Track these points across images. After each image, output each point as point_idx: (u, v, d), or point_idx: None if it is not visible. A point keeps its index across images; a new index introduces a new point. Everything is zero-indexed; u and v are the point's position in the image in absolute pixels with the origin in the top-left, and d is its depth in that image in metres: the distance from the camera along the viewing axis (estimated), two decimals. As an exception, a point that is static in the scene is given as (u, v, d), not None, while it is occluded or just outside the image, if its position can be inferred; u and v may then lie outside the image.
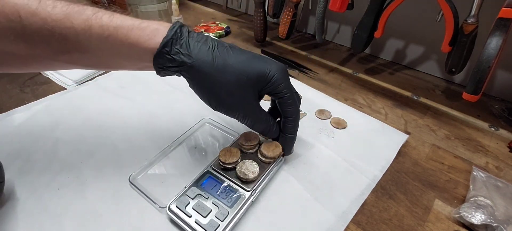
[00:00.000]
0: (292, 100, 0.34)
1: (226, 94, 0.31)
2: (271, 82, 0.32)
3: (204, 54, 0.30)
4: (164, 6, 0.72)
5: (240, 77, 0.31)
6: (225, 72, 0.31)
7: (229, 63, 0.31)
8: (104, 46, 0.29)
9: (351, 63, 0.67)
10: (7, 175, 0.35)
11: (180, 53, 0.30)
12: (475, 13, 0.44)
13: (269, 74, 0.32)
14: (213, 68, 0.30)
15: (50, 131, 0.44)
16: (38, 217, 0.32)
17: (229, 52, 0.31)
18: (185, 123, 0.46)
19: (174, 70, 0.31)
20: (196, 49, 0.30)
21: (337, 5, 0.54)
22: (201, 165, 0.37)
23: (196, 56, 0.30)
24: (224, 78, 0.31)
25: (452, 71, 0.49)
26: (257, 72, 0.32)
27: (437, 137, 0.46)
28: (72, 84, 0.54)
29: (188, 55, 0.30)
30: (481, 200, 0.34)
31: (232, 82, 0.31)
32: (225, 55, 0.31)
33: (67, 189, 0.35)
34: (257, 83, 0.32)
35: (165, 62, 0.30)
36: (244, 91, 0.32)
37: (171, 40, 0.29)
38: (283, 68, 0.34)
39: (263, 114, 0.35)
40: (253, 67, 0.32)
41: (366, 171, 0.39)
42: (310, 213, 0.34)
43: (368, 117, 0.48)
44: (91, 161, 0.39)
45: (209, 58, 0.30)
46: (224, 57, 0.31)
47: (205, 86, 0.31)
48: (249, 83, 0.32)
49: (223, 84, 0.31)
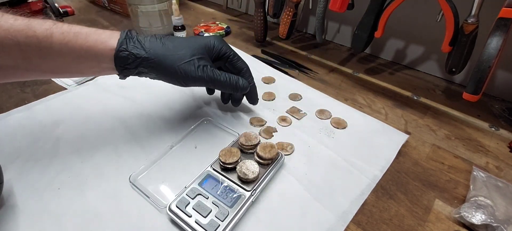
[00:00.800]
0: (237, 56, 0.42)
1: (187, 66, 0.36)
2: (215, 48, 0.39)
3: (154, 44, 0.36)
4: (164, 6, 0.72)
5: (191, 50, 0.37)
6: (178, 49, 0.36)
7: (177, 44, 0.37)
8: (65, 50, 0.32)
9: (351, 63, 0.67)
10: (7, 175, 0.35)
11: (136, 48, 0.34)
12: (475, 13, 0.44)
13: (210, 43, 0.39)
14: (167, 51, 0.36)
15: (50, 130, 0.44)
16: (38, 217, 0.32)
17: (173, 39, 0.37)
18: (185, 123, 0.46)
19: (134, 66, 0.35)
20: (147, 42, 0.35)
21: (337, 5, 0.54)
22: (201, 165, 0.37)
23: (149, 47, 0.35)
24: (179, 54, 0.36)
25: (452, 71, 0.49)
26: (202, 44, 0.38)
27: (437, 137, 0.46)
28: (72, 84, 0.54)
29: (142, 48, 0.35)
30: (482, 200, 0.34)
31: (187, 54, 0.36)
32: (171, 40, 0.37)
33: (67, 189, 0.35)
34: (205, 52, 0.38)
35: (125, 60, 0.34)
36: (200, 60, 0.37)
37: (125, 40, 0.34)
38: (219, 37, 0.41)
39: (225, 74, 0.40)
40: (197, 42, 0.38)
41: (366, 171, 0.39)
42: (310, 213, 0.34)
43: (368, 117, 0.48)
44: (91, 161, 0.39)
45: (159, 45, 0.36)
46: (171, 41, 0.37)
47: (166, 68, 0.36)
48: (200, 52, 0.37)
49: (180, 59, 0.36)
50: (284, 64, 0.64)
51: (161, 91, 0.52)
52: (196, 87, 0.52)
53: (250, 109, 0.49)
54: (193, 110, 0.49)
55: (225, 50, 0.40)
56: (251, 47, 0.73)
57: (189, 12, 0.94)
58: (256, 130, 0.45)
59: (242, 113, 0.48)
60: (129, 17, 0.80)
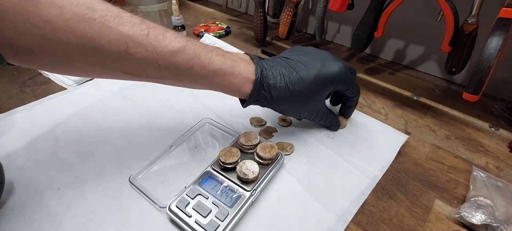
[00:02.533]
0: (355, 94, 0.42)
1: (304, 106, 0.39)
2: (339, 84, 0.39)
3: (283, 92, 0.36)
4: (164, 6, 0.72)
5: (312, 89, 0.37)
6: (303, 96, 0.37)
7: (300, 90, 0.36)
8: (201, 81, 0.34)
9: (351, 63, 0.67)
10: (7, 175, 0.35)
11: (265, 98, 0.36)
12: (475, 13, 0.44)
13: (336, 79, 0.38)
14: (292, 99, 0.37)
15: (50, 131, 0.44)
16: (38, 217, 0.32)
17: (298, 77, 0.36)
18: (185, 123, 0.46)
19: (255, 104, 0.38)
20: (276, 91, 0.36)
21: (337, 5, 0.54)
22: (201, 165, 0.37)
23: (278, 96, 0.36)
24: (302, 99, 0.37)
25: (452, 71, 0.49)
26: (327, 80, 0.37)
27: (437, 137, 0.46)
28: (72, 84, 0.54)
29: (271, 99, 0.36)
30: (481, 200, 0.34)
31: (305, 99, 0.38)
32: (295, 81, 0.36)
33: (67, 189, 0.35)
34: (326, 88, 0.38)
35: (253, 103, 0.37)
36: (316, 98, 0.39)
37: (257, 90, 0.35)
38: (346, 68, 0.39)
39: (330, 111, 0.43)
40: (323, 76, 0.37)
41: (366, 171, 0.39)
42: (310, 213, 0.34)
43: (368, 117, 0.48)
44: (91, 161, 0.39)
45: (288, 94, 0.36)
46: (296, 82, 0.36)
47: (287, 108, 0.39)
48: (320, 90, 0.38)
49: (302, 104, 0.38)
50: (284, 64, 0.64)
51: (161, 91, 0.52)
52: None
53: (250, 110, 0.49)
54: (193, 110, 0.49)
55: (348, 87, 0.40)
56: (251, 47, 0.73)
57: (189, 12, 0.94)
58: (256, 130, 0.45)
59: (242, 114, 0.48)
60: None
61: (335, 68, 0.37)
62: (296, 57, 0.38)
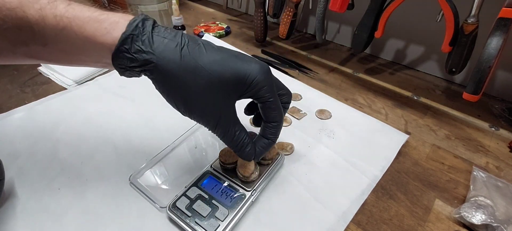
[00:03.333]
0: (276, 105, 0.30)
1: (196, 99, 0.27)
2: (251, 86, 0.28)
3: (170, 52, 0.26)
4: (164, 6, 0.72)
5: (212, 80, 0.27)
6: (195, 74, 0.26)
7: (200, 64, 0.27)
8: (60, 39, 0.26)
9: (351, 63, 0.67)
10: (8, 175, 0.35)
11: (142, 52, 0.26)
12: (475, 13, 0.44)
13: (248, 78, 0.28)
14: (181, 69, 0.26)
15: (51, 131, 0.44)
16: (38, 217, 0.32)
17: (201, 51, 0.27)
18: (185, 123, 0.45)
19: (137, 71, 0.27)
20: (161, 46, 0.26)
21: (337, 5, 0.54)
22: (201, 165, 0.37)
23: (161, 54, 0.26)
24: (193, 81, 0.27)
25: (453, 71, 0.49)
26: (234, 75, 0.27)
27: (438, 137, 0.46)
28: (72, 84, 0.54)
29: (151, 53, 0.26)
30: (482, 200, 0.34)
31: (203, 86, 0.27)
32: (196, 53, 0.27)
33: (68, 189, 0.35)
34: (233, 88, 0.28)
35: (125, 62, 0.26)
36: (217, 98, 0.28)
37: (131, 36, 0.25)
38: (265, 69, 0.29)
39: (237, 127, 0.30)
40: (229, 69, 0.27)
41: (366, 171, 0.39)
42: (310, 213, 0.34)
43: (368, 117, 0.48)
44: (92, 161, 0.39)
45: (176, 57, 0.26)
46: (194, 56, 0.27)
47: (171, 89, 0.28)
48: (223, 88, 0.27)
49: (192, 88, 0.27)
50: (284, 64, 0.64)
51: (161, 91, 0.52)
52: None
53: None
54: (193, 110, 0.49)
55: (264, 93, 0.29)
56: (251, 47, 0.73)
57: (189, 12, 0.94)
58: (256, 130, 0.45)
59: (242, 113, 0.48)
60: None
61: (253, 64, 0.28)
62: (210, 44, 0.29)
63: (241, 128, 0.31)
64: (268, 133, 0.32)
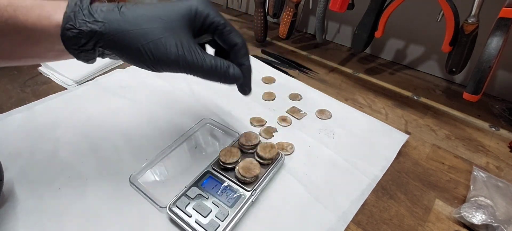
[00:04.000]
0: (229, 26, 0.31)
1: (155, 45, 0.27)
2: (198, 15, 0.29)
3: (110, 15, 0.27)
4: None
5: (162, 22, 0.27)
6: (142, 22, 0.27)
7: (142, 14, 0.27)
8: (6, 31, 0.26)
9: (352, 63, 0.67)
10: (8, 175, 0.35)
11: (87, 22, 0.26)
12: (475, 13, 0.44)
13: (191, 9, 0.29)
14: (127, 24, 0.27)
15: (51, 131, 0.44)
16: (38, 217, 0.32)
17: (137, 7, 0.28)
18: (185, 122, 0.46)
19: (90, 47, 0.27)
20: (99, 13, 0.26)
21: (338, 5, 0.54)
22: (201, 165, 0.37)
23: (104, 19, 0.26)
24: (144, 28, 0.27)
25: (453, 71, 0.49)
26: (179, 12, 0.28)
27: (438, 137, 0.46)
28: (73, 84, 0.54)
29: (95, 21, 0.26)
30: (482, 200, 0.34)
31: (155, 28, 0.27)
32: (135, 8, 0.27)
33: (68, 189, 0.35)
34: (184, 24, 0.28)
35: (75, 41, 0.26)
36: (177, 35, 0.28)
37: (73, 13, 0.26)
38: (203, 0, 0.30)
39: (211, 58, 0.30)
40: (172, 9, 0.28)
41: (366, 171, 0.39)
42: (310, 213, 0.33)
43: (368, 117, 0.48)
44: (92, 161, 0.39)
45: (117, 16, 0.27)
46: (134, 10, 0.27)
47: (128, 47, 0.27)
48: (177, 24, 0.28)
49: (146, 35, 0.27)
50: (284, 64, 0.64)
51: (161, 91, 0.52)
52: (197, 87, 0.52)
53: (250, 109, 0.49)
54: (193, 110, 0.49)
55: (213, 17, 0.29)
56: (251, 47, 0.73)
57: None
58: (256, 130, 0.45)
59: (242, 114, 0.48)
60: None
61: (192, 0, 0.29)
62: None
63: (215, 57, 0.30)
64: (239, 58, 0.32)
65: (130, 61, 0.29)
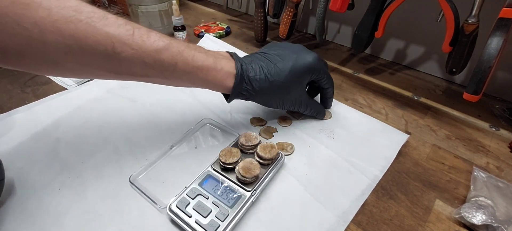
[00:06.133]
0: (330, 81, 0.45)
1: (285, 96, 0.41)
2: (314, 73, 0.41)
3: (263, 84, 0.38)
4: (165, 6, 0.72)
5: (290, 79, 0.39)
6: (283, 85, 0.39)
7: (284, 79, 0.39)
8: (185, 78, 0.35)
9: (352, 63, 0.67)
10: (8, 175, 0.35)
11: (247, 90, 0.38)
12: (475, 13, 0.44)
13: (311, 68, 0.40)
14: (273, 90, 0.39)
15: (51, 131, 0.44)
16: (38, 217, 0.32)
17: (277, 66, 0.39)
18: (185, 123, 0.46)
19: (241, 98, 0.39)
20: (256, 83, 0.38)
21: (338, 5, 0.54)
22: (202, 165, 0.37)
23: (259, 87, 0.38)
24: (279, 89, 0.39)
25: (453, 71, 0.49)
26: (303, 68, 0.40)
27: (438, 137, 0.46)
28: (73, 84, 0.54)
29: (253, 90, 0.38)
30: (482, 200, 0.34)
31: (285, 85, 0.39)
32: (274, 71, 0.38)
33: (68, 189, 0.35)
34: (303, 77, 0.41)
35: (237, 97, 0.39)
36: (295, 88, 0.41)
37: (239, 83, 0.37)
38: (318, 57, 0.41)
39: (312, 100, 0.45)
40: (299, 66, 0.39)
41: (366, 171, 0.39)
42: (310, 213, 0.33)
43: (368, 117, 0.48)
44: (92, 161, 0.39)
45: (267, 85, 0.38)
46: (275, 73, 0.38)
47: (269, 99, 0.41)
48: (298, 79, 0.40)
49: (280, 91, 0.40)
50: (284, 65, 0.64)
51: (161, 92, 0.52)
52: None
53: (250, 109, 0.49)
54: (193, 110, 0.49)
55: (323, 75, 0.43)
56: (251, 47, 0.73)
57: (189, 12, 0.94)
58: (256, 130, 0.45)
59: (242, 114, 0.48)
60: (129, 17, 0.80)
61: (309, 58, 0.40)
62: (273, 52, 0.40)
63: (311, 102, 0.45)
64: (328, 95, 0.47)
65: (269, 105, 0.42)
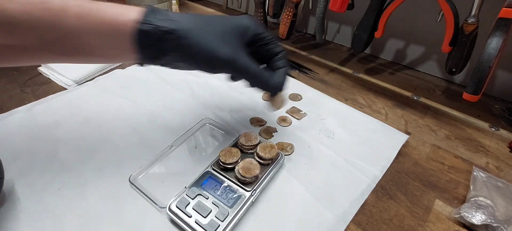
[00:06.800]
0: (275, 39, 0.36)
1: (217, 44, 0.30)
2: (250, 31, 0.33)
3: (182, 17, 0.30)
4: (165, 6, 0.72)
5: (224, 27, 0.32)
6: (208, 24, 0.31)
7: (208, 19, 0.31)
8: (81, 26, 0.28)
9: (352, 63, 0.67)
10: (8, 175, 0.35)
11: (162, 20, 0.28)
12: (475, 13, 0.44)
13: (245, 24, 0.33)
14: (196, 24, 0.30)
15: (51, 131, 0.44)
16: (38, 217, 0.32)
17: (203, 15, 0.32)
18: (185, 123, 0.46)
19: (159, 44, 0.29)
20: (173, 14, 0.30)
21: (337, 5, 0.54)
22: (201, 165, 0.37)
23: (177, 18, 0.29)
24: (209, 29, 0.30)
25: (453, 71, 0.49)
26: (236, 25, 0.32)
27: (438, 137, 0.46)
28: (72, 84, 0.54)
29: (169, 19, 0.29)
30: (482, 200, 0.34)
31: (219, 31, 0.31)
32: (201, 15, 0.32)
33: (68, 189, 0.35)
34: (240, 35, 0.33)
35: (149, 36, 0.28)
36: (236, 43, 0.32)
37: (150, 13, 0.29)
38: (253, 18, 0.35)
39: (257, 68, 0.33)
40: (231, 21, 0.33)
41: (366, 171, 0.39)
42: (310, 213, 0.33)
43: (368, 117, 0.48)
44: (92, 161, 0.39)
45: (188, 17, 0.30)
46: (200, 16, 0.31)
47: (195, 45, 0.30)
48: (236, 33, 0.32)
49: (210, 35, 0.30)
50: (284, 65, 0.64)
51: (161, 92, 0.52)
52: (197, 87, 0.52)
53: (250, 109, 0.49)
54: (193, 110, 0.49)
55: (264, 34, 0.35)
56: (251, 47, 0.73)
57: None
58: (256, 130, 0.45)
59: (242, 114, 0.48)
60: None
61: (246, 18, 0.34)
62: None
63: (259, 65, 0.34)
64: (279, 64, 0.36)
65: (189, 61, 0.31)
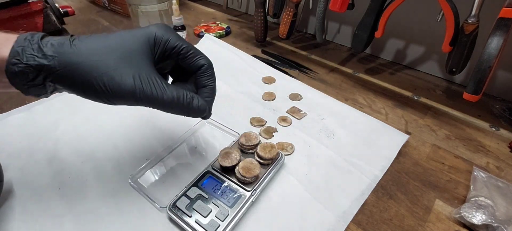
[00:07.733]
0: (194, 49, 0.29)
1: (109, 77, 0.25)
2: (157, 41, 0.27)
3: (61, 49, 0.25)
4: (165, 6, 0.72)
5: (117, 52, 0.26)
6: (95, 53, 0.25)
7: (96, 45, 0.26)
8: None
9: (352, 63, 0.67)
10: (8, 175, 0.35)
11: (35, 57, 0.24)
12: (475, 13, 0.44)
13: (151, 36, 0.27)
14: (79, 56, 0.25)
15: (51, 131, 0.44)
16: (38, 217, 0.32)
17: (92, 38, 0.26)
18: (186, 122, 0.45)
19: (39, 82, 0.25)
20: (49, 47, 0.25)
21: (338, 5, 0.54)
22: (202, 165, 0.37)
23: (53, 53, 0.25)
24: (96, 60, 0.25)
25: (453, 71, 0.49)
26: (138, 39, 0.27)
27: (438, 137, 0.46)
28: (73, 84, 0.54)
29: (44, 56, 0.24)
30: (482, 200, 0.34)
31: (110, 59, 0.25)
32: (89, 39, 0.26)
33: (68, 189, 0.35)
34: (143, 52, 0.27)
35: (22, 76, 0.24)
36: (134, 66, 0.26)
37: (21, 48, 0.24)
38: (161, 25, 0.29)
39: (172, 88, 0.27)
40: (130, 36, 0.27)
41: (366, 171, 0.39)
42: (310, 213, 0.33)
43: (368, 117, 0.48)
44: (92, 161, 0.39)
45: (68, 49, 0.25)
46: (88, 42, 0.26)
47: (80, 81, 0.25)
48: (134, 54, 0.26)
49: (99, 67, 0.25)
50: (284, 64, 0.64)
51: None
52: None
53: (250, 110, 0.49)
54: (193, 110, 0.49)
55: (174, 42, 0.28)
56: (251, 47, 0.73)
57: (189, 12, 0.94)
58: (256, 130, 0.45)
59: (242, 114, 0.48)
60: (129, 17, 0.80)
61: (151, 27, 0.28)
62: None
63: (177, 88, 0.28)
64: (203, 80, 0.30)
65: (83, 95, 0.27)
